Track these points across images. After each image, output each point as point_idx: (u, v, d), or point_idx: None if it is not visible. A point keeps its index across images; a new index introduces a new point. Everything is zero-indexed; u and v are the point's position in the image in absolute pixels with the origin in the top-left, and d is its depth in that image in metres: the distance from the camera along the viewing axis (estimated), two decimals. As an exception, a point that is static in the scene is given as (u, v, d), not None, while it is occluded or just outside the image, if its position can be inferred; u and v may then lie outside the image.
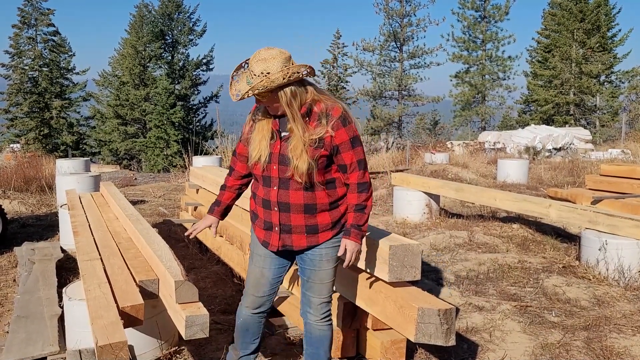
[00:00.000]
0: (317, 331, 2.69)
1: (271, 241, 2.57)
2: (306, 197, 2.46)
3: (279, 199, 2.48)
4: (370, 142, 23.28)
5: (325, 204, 2.51)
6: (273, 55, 2.31)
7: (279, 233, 2.54)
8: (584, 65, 35.08)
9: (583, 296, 4.51)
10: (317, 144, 2.39)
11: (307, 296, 2.67)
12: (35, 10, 36.87)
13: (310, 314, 2.68)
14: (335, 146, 2.42)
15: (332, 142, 2.41)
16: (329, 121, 2.39)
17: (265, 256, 2.65)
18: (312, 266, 2.60)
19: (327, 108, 2.41)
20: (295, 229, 2.52)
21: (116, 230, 4.35)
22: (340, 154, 2.44)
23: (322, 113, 2.40)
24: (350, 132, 2.43)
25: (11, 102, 36.74)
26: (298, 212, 2.48)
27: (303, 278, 2.67)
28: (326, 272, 2.61)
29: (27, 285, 4.51)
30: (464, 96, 38.09)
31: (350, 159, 2.46)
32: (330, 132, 2.39)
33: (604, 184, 7.23)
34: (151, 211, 8.68)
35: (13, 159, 14.37)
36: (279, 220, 2.51)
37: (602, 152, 19.43)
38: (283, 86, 2.31)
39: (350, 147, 2.44)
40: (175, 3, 40.72)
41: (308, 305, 2.67)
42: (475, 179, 12.75)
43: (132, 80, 39.10)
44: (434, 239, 6.31)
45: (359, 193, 2.51)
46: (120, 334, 2.46)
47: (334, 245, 2.57)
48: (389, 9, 34.95)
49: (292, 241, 2.54)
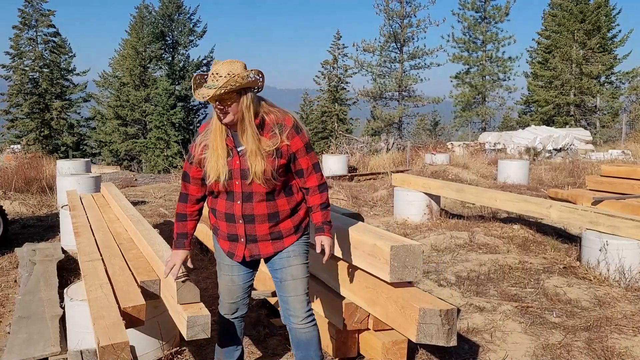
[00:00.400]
0: (304, 334, 2.72)
1: (236, 252, 2.65)
2: (269, 207, 2.58)
3: (244, 212, 2.57)
4: (370, 143, 23.24)
5: (286, 211, 2.63)
6: (233, 62, 2.42)
7: (244, 244, 2.63)
8: (584, 66, 35.08)
9: (584, 297, 4.51)
10: (275, 154, 2.50)
11: (284, 298, 2.72)
12: (36, 11, 36.87)
13: (292, 317, 2.71)
14: (292, 153, 2.55)
15: (288, 151, 2.53)
16: (283, 131, 2.51)
17: (232, 264, 2.72)
18: (281, 266, 2.68)
19: (278, 119, 2.52)
20: (260, 237, 2.62)
21: (117, 231, 4.36)
22: (297, 160, 2.58)
23: (275, 124, 2.51)
24: (304, 139, 2.58)
25: (12, 103, 36.73)
26: (262, 222, 2.59)
27: (276, 282, 2.73)
28: (296, 268, 2.68)
29: (28, 286, 4.51)
30: (464, 97, 38.07)
31: (306, 163, 2.60)
32: (286, 142, 2.51)
33: (604, 184, 7.23)
34: (152, 212, 8.69)
35: (14, 159, 14.37)
36: (244, 231, 2.61)
37: (602, 153, 19.44)
38: (246, 90, 2.41)
39: (305, 153, 2.59)
40: (176, 4, 40.75)
41: (287, 308, 2.72)
42: (475, 179, 12.75)
43: (133, 81, 39.12)
44: (434, 240, 6.31)
45: (321, 193, 2.66)
46: (122, 334, 2.46)
47: (299, 242, 2.70)
48: (389, 10, 34.94)
49: (259, 250, 2.65)
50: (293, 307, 2.69)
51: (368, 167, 16.86)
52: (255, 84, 2.46)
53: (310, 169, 2.62)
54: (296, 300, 2.68)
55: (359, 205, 9.31)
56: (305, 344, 2.73)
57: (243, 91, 2.41)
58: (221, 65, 2.40)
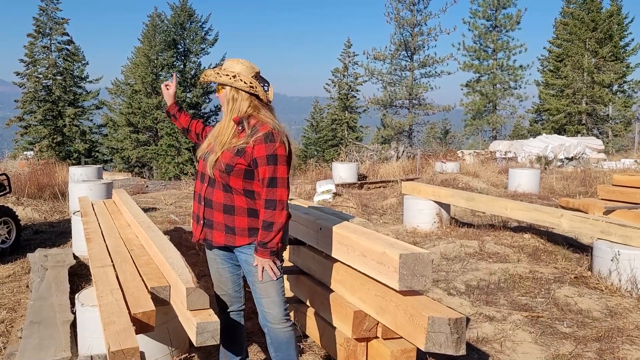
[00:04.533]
0: (282, 334, 2.78)
1: (195, 233, 2.82)
2: (226, 198, 2.69)
3: (206, 195, 2.73)
4: (380, 151, 23.22)
5: (242, 208, 2.69)
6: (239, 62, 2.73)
7: (202, 226, 2.77)
8: (596, 74, 34.87)
9: (595, 307, 4.47)
10: (237, 152, 2.62)
11: (258, 299, 2.78)
12: (50, 19, 37.34)
13: (268, 318, 2.77)
14: (254, 159, 2.61)
15: (252, 154, 2.60)
16: (254, 134, 2.61)
17: (215, 257, 2.87)
18: (245, 268, 2.79)
19: (257, 123, 2.65)
20: (216, 225, 2.73)
21: (128, 237, 4.39)
22: (258, 167, 2.62)
23: (253, 127, 2.64)
24: (270, 149, 2.58)
25: (25, 110, 37.13)
26: (218, 210, 2.70)
27: (249, 283, 2.81)
28: (258, 273, 2.72)
29: (39, 291, 4.55)
30: (474, 105, 37.96)
31: (263, 173, 2.61)
32: (251, 144, 2.60)
33: (616, 194, 7.17)
34: (162, 218, 8.74)
35: (27, 166, 14.51)
36: (203, 214, 2.76)
37: (614, 162, 19.27)
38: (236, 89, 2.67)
39: (265, 163, 2.59)
40: (188, 12, 41.10)
41: (262, 310, 2.79)
42: (486, 188, 12.69)
43: (145, 89, 39.44)
44: (444, 248, 6.29)
45: (265, 209, 2.62)
46: (132, 340, 2.48)
47: (252, 249, 2.73)
48: (400, 18, 34.97)
49: (213, 236, 2.75)
50: (267, 308, 2.76)
51: (378, 175, 16.84)
52: (247, 89, 2.65)
53: (266, 181, 2.60)
54: (269, 301, 2.75)
55: (368, 213, 9.30)
56: (286, 344, 2.79)
57: (230, 88, 2.66)
58: (231, 62, 2.73)
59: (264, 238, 2.62)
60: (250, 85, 2.65)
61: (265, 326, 2.80)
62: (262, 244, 2.62)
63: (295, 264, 3.98)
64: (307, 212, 3.77)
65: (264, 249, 2.62)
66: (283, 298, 2.78)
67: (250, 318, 4.13)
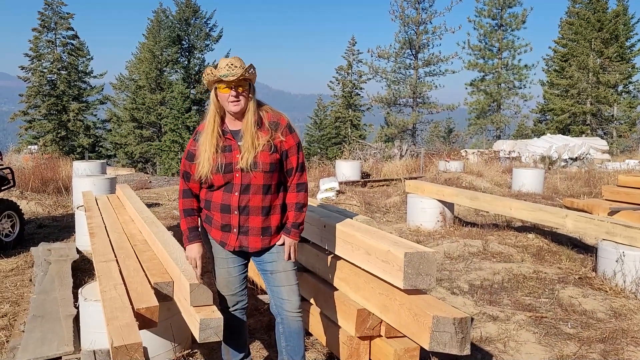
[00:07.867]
0: (296, 323, 2.80)
1: (228, 242, 2.76)
2: (264, 200, 2.70)
3: (240, 204, 2.68)
4: (383, 149, 23.18)
5: (277, 206, 2.75)
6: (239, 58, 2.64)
7: (237, 234, 2.74)
8: (601, 74, 34.74)
9: (599, 308, 4.45)
10: (272, 149, 2.64)
11: (278, 289, 2.80)
12: (55, 14, 37.39)
13: (286, 306, 2.78)
14: (285, 151, 2.69)
15: (282, 147, 2.67)
16: (279, 129, 2.66)
17: (227, 257, 2.83)
18: (271, 259, 2.79)
19: (274, 117, 2.68)
20: (252, 230, 2.73)
21: (132, 233, 4.39)
22: (289, 157, 2.71)
23: (272, 123, 2.66)
24: (296, 138, 2.73)
25: (30, 104, 37.23)
26: (257, 214, 2.71)
27: (267, 274, 2.82)
28: (287, 262, 2.78)
29: (43, 285, 4.56)
30: (479, 104, 37.88)
31: (295, 161, 2.72)
32: (281, 138, 2.66)
33: (621, 194, 7.13)
34: (165, 214, 8.74)
35: (31, 160, 14.55)
36: (238, 222, 2.72)
37: (619, 163, 19.20)
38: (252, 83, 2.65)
39: (296, 152, 2.72)
40: (193, 8, 41.11)
41: (282, 298, 2.80)
42: (489, 187, 12.66)
43: (149, 84, 39.49)
44: (448, 247, 6.27)
45: (297, 192, 2.75)
46: (135, 335, 2.47)
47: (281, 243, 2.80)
48: (404, 17, 34.93)
49: (248, 242, 2.75)
50: (288, 296, 2.78)
51: (381, 174, 16.81)
52: (255, 79, 2.67)
53: (298, 167, 2.72)
54: (290, 289, 2.79)
55: (371, 212, 9.29)
56: (297, 333, 2.82)
57: (251, 83, 2.64)
58: (230, 59, 2.59)
59: (297, 219, 2.75)
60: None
61: (280, 315, 2.82)
62: (296, 225, 2.74)
63: (298, 261, 3.96)
64: (311, 209, 3.76)
65: (297, 230, 2.75)
66: (299, 290, 2.83)
67: (252, 315, 4.13)
